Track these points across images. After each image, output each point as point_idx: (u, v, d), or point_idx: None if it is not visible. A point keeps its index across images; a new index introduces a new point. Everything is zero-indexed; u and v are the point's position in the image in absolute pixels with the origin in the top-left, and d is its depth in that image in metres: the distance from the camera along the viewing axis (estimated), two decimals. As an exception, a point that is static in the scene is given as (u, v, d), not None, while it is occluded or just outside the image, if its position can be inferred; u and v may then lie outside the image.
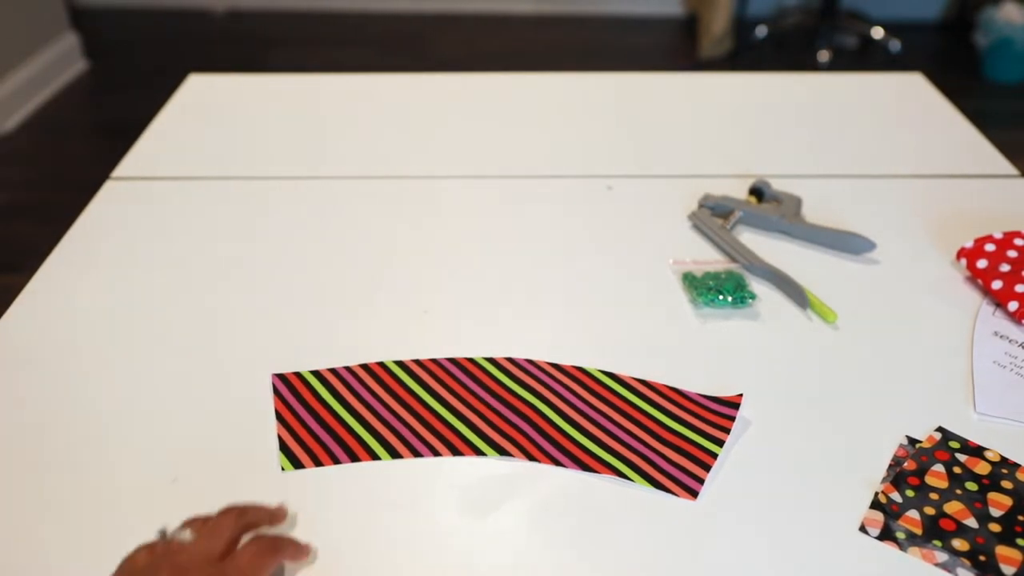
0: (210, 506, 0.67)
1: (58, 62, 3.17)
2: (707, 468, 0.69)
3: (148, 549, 0.59)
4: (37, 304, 0.89)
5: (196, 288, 0.91)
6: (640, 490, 0.68)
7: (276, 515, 0.64)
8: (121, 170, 1.12)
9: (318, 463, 0.70)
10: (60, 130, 2.96)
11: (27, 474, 0.70)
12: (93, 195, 1.06)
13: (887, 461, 0.70)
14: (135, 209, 1.05)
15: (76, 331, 0.85)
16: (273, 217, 1.03)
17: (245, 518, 0.62)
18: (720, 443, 0.71)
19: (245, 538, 0.62)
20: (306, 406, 0.76)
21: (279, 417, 0.74)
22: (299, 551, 0.62)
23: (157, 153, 1.17)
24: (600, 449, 0.71)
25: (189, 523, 0.61)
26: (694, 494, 0.68)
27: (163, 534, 0.61)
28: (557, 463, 0.70)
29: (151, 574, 0.57)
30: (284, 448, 0.72)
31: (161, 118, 1.26)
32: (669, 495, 0.68)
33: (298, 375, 0.79)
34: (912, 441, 0.72)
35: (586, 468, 0.70)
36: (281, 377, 0.79)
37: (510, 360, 0.80)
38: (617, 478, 0.69)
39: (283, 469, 0.70)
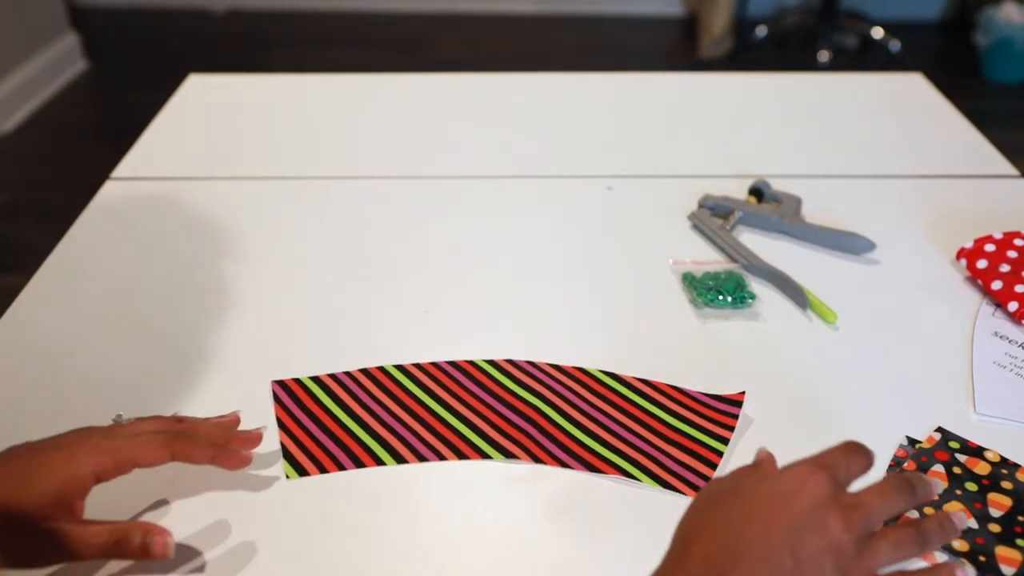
0: (212, 509, 0.67)
1: (58, 62, 3.17)
2: (713, 466, 0.70)
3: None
4: (37, 304, 0.89)
5: (195, 290, 0.91)
6: (644, 490, 0.68)
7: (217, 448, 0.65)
8: (121, 170, 1.12)
9: (323, 470, 0.70)
10: (60, 130, 2.96)
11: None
12: (93, 195, 1.06)
13: (887, 461, 0.70)
14: (135, 209, 1.05)
15: (76, 331, 0.85)
16: (272, 218, 1.02)
17: (179, 424, 0.65)
18: (725, 441, 0.72)
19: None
20: (308, 413, 0.75)
21: (281, 424, 0.74)
22: (188, 452, 0.63)
23: (157, 153, 1.17)
24: (606, 449, 0.71)
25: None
26: None
27: (116, 419, 0.67)
28: (563, 464, 0.70)
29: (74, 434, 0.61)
30: (287, 456, 0.71)
31: (161, 118, 1.26)
32: (675, 494, 0.68)
33: (298, 381, 0.78)
34: (912, 441, 0.72)
35: (592, 469, 0.70)
36: (281, 384, 0.78)
37: (510, 362, 0.80)
38: (624, 478, 0.69)
39: (287, 477, 0.69)
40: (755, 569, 0.48)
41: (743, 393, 0.75)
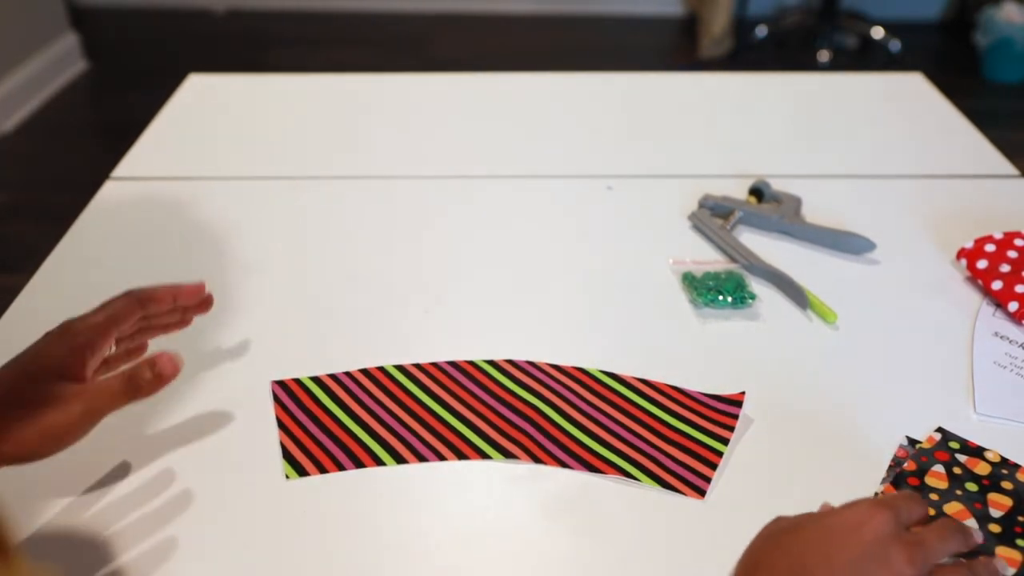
0: (212, 509, 0.67)
1: (58, 62, 3.17)
2: (713, 467, 0.70)
3: None
4: (37, 304, 0.89)
5: (196, 288, 0.91)
6: (644, 490, 0.68)
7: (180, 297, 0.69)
8: (121, 170, 1.12)
9: (323, 470, 0.70)
10: (60, 130, 2.96)
11: (27, 475, 0.70)
12: (93, 195, 1.06)
13: (887, 461, 0.70)
14: (135, 209, 1.05)
15: (76, 331, 0.85)
16: (272, 218, 1.02)
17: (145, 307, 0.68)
18: (725, 441, 0.72)
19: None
20: (308, 413, 0.75)
21: (280, 424, 0.74)
22: (151, 294, 0.67)
23: (157, 153, 1.17)
24: (605, 450, 0.71)
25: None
26: (702, 493, 0.68)
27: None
28: (563, 465, 0.70)
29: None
30: (287, 456, 0.71)
31: (161, 118, 1.26)
32: (674, 494, 0.68)
33: (298, 382, 0.78)
34: (912, 441, 0.72)
35: (592, 469, 0.70)
36: (280, 384, 0.78)
37: (510, 362, 0.80)
38: (623, 478, 0.69)
39: (287, 477, 0.70)
40: None
41: (743, 393, 0.75)
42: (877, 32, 3.43)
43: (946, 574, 0.54)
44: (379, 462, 0.71)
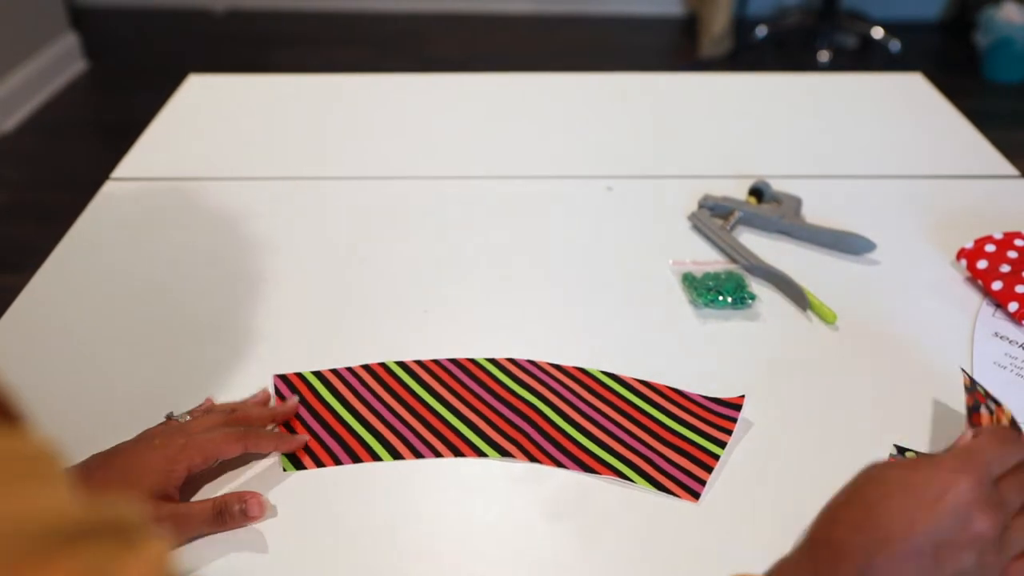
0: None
1: (58, 62, 3.17)
2: (709, 470, 0.69)
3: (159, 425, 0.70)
4: (37, 304, 0.89)
5: (196, 289, 0.91)
6: (641, 491, 0.68)
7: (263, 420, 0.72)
8: (121, 170, 1.12)
9: (319, 464, 0.70)
10: (60, 130, 2.96)
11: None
12: (93, 195, 1.06)
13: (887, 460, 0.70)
14: (135, 209, 1.05)
15: (76, 331, 0.85)
16: (272, 218, 1.02)
17: (234, 414, 0.71)
18: (722, 444, 0.71)
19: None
20: (307, 407, 0.75)
21: None
22: (258, 443, 0.69)
23: (157, 153, 1.17)
24: (601, 450, 0.71)
25: (190, 412, 0.71)
26: (696, 495, 0.68)
27: (169, 416, 0.70)
28: (558, 464, 0.70)
29: (160, 435, 0.67)
30: None
31: (161, 118, 1.26)
32: (670, 496, 0.68)
33: (299, 375, 0.79)
34: (901, 450, 0.71)
35: (587, 469, 0.70)
36: (282, 378, 0.78)
37: (511, 361, 0.80)
38: (618, 479, 0.69)
39: (284, 469, 0.70)
40: (898, 558, 0.50)
41: (742, 397, 0.75)
42: (877, 32, 3.43)
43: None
44: (375, 457, 0.71)
